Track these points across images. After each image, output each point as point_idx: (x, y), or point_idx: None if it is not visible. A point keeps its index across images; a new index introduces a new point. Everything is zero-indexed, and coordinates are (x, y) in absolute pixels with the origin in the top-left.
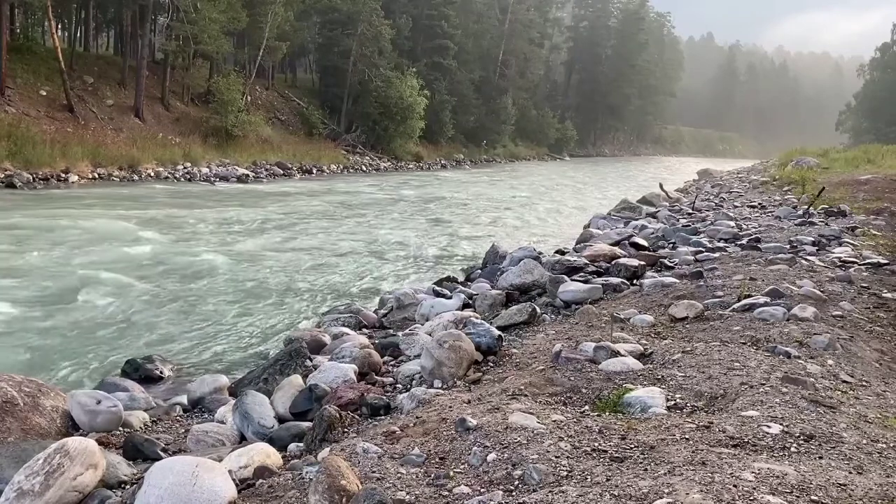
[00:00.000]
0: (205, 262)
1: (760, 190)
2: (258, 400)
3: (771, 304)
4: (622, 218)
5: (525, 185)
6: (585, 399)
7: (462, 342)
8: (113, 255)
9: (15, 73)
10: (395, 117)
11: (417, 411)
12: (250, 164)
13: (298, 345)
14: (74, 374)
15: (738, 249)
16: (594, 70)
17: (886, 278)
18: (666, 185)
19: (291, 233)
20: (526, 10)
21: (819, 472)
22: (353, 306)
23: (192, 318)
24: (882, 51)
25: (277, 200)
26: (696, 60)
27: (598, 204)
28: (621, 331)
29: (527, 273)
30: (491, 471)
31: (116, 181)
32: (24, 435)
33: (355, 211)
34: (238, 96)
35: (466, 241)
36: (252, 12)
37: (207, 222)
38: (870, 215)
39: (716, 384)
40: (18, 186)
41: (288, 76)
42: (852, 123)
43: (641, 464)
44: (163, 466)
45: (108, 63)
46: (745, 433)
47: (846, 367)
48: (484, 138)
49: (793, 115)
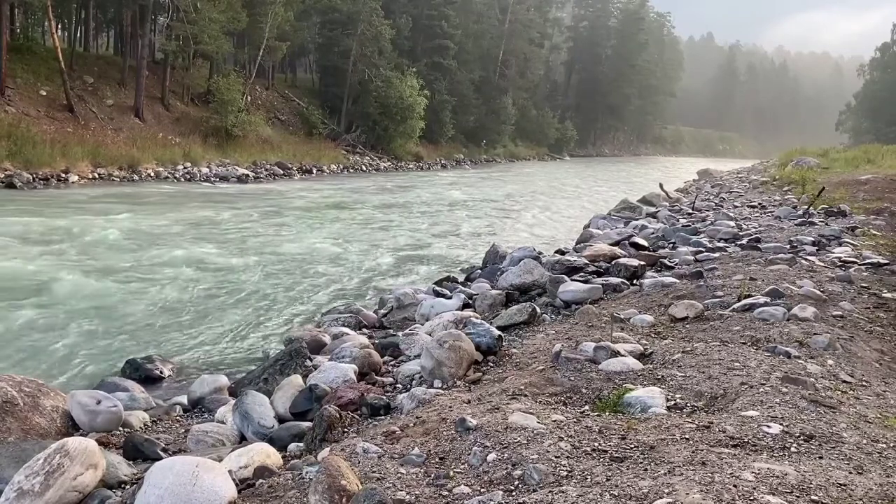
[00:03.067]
0: (205, 262)
1: (760, 190)
2: (258, 400)
3: (771, 304)
4: (622, 218)
5: (525, 184)
6: (585, 399)
7: (462, 342)
8: (113, 255)
9: (15, 73)
10: (395, 117)
11: (417, 411)
12: (250, 164)
13: (298, 345)
14: (74, 374)
15: (738, 249)
16: (594, 70)
17: (886, 278)
18: (666, 185)
19: (291, 233)
20: (526, 10)
21: (819, 472)
22: (353, 306)
23: (192, 318)
24: (882, 51)
25: (277, 200)
26: (696, 60)
27: (598, 204)
28: (621, 331)
29: (527, 273)
30: (491, 471)
31: (116, 181)
32: (24, 435)
33: (355, 211)
34: (238, 96)
35: (466, 241)
36: (252, 12)
37: (207, 222)
38: (870, 215)
39: (716, 384)
40: (18, 186)
41: (288, 76)
42: (852, 123)
43: (641, 464)
44: (163, 466)
45: (108, 63)
46: (745, 433)
47: (846, 367)
48: (484, 138)
49: (793, 115)
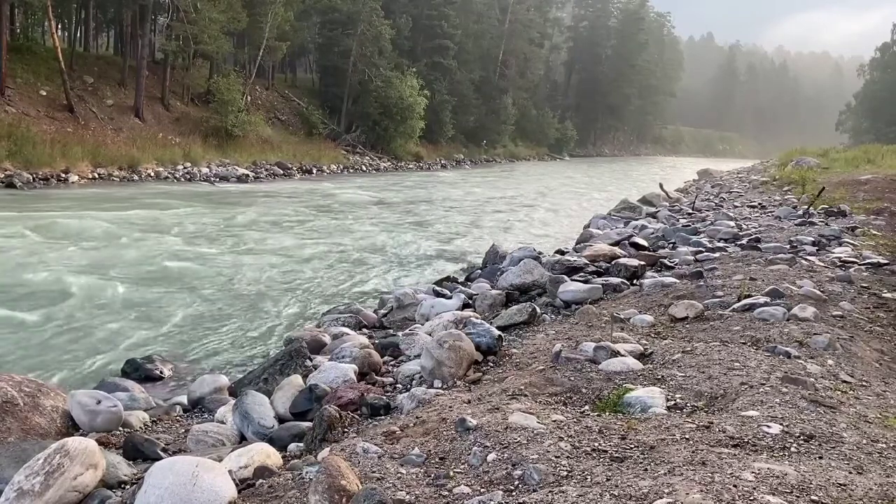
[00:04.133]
0: (205, 262)
1: (760, 190)
2: (258, 400)
3: (771, 304)
4: (622, 218)
5: (525, 184)
6: (585, 399)
7: (462, 342)
8: (113, 255)
9: (15, 73)
10: (395, 117)
11: (417, 411)
12: (250, 164)
13: (298, 345)
14: (74, 374)
15: (738, 249)
16: (594, 70)
17: (886, 278)
18: (666, 185)
19: (291, 233)
20: (526, 10)
21: (819, 472)
22: (353, 306)
23: (192, 318)
24: (882, 51)
25: (277, 200)
26: (696, 60)
27: (598, 204)
28: (621, 331)
29: (527, 273)
30: (491, 471)
31: (116, 181)
32: (24, 435)
33: (355, 211)
34: (238, 96)
35: (466, 241)
36: (252, 12)
37: (207, 222)
38: (870, 215)
39: (716, 384)
40: (18, 186)
41: (288, 76)
42: (852, 123)
43: (641, 464)
44: (163, 466)
45: (108, 63)
46: (745, 433)
47: (846, 367)
48: (484, 138)
49: (793, 115)
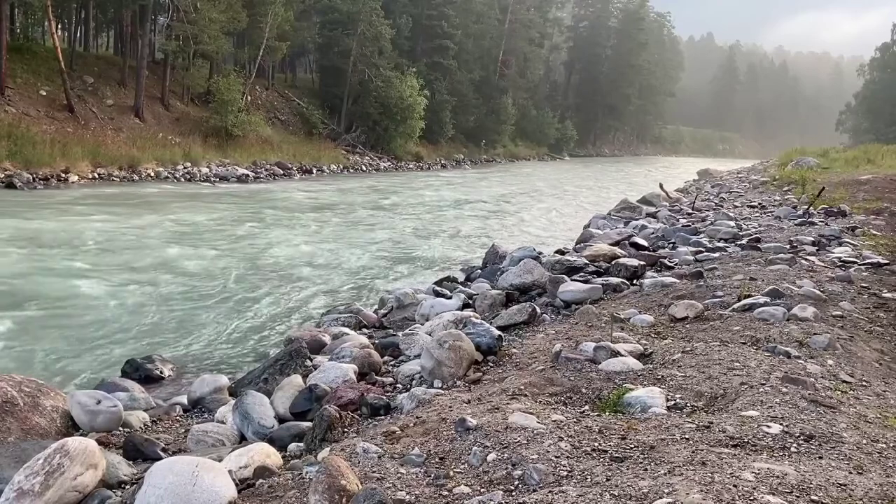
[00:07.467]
0: (205, 262)
1: (760, 190)
2: (258, 400)
3: (771, 304)
4: (622, 218)
5: (525, 184)
6: (585, 399)
7: (462, 342)
8: (113, 254)
9: (15, 73)
10: (395, 117)
11: (417, 411)
12: (250, 164)
13: (298, 345)
14: (74, 374)
15: (738, 249)
16: (594, 70)
17: (886, 278)
18: (666, 185)
19: (291, 233)
20: (526, 10)
21: (819, 472)
22: (353, 306)
23: (192, 318)
24: (882, 51)
25: (277, 200)
26: (696, 60)
27: (598, 204)
28: (621, 331)
29: (527, 273)
30: (491, 471)
31: (116, 181)
32: (24, 435)
33: (355, 211)
34: (238, 96)
35: (466, 241)
36: (252, 12)
37: (207, 222)
38: (870, 215)
39: (716, 384)
40: (18, 186)
41: (288, 76)
42: (852, 123)
43: (641, 464)
44: (163, 466)
45: (108, 63)
46: (745, 433)
47: (846, 367)
48: (484, 138)
49: (793, 115)
